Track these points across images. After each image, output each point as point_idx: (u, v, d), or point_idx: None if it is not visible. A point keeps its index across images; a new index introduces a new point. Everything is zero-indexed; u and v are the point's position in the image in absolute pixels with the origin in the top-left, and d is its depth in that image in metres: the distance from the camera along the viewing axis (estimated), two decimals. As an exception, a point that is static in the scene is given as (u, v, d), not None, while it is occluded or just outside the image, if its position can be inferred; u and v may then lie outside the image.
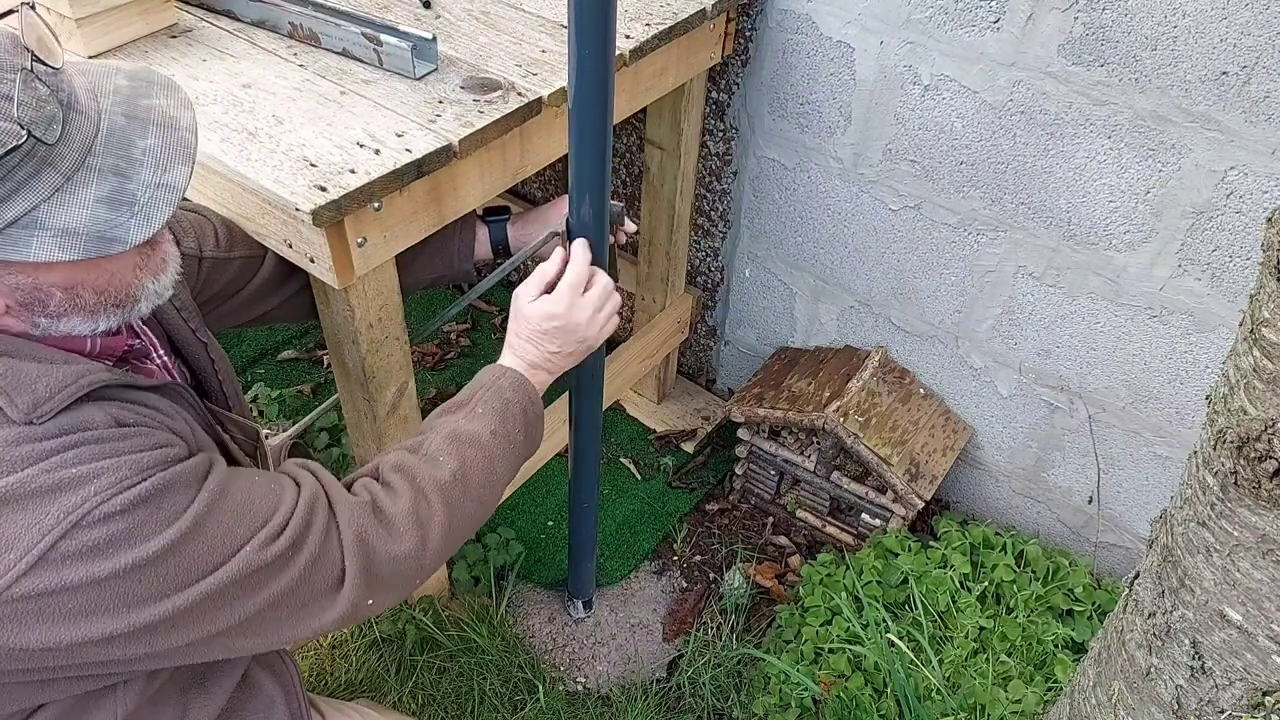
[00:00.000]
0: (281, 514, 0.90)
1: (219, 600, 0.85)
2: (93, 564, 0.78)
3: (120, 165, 0.79)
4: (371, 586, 0.95)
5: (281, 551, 0.88)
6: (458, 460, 1.05)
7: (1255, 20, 1.25)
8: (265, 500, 0.90)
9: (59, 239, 0.76)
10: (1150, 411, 1.68)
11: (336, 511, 0.95)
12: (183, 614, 0.83)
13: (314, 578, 0.91)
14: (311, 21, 1.35)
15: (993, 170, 1.60)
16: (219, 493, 0.87)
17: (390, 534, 0.97)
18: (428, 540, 1.00)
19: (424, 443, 1.07)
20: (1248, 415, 0.70)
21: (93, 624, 0.79)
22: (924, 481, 1.85)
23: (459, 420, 1.10)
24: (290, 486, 0.94)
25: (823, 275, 1.98)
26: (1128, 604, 0.94)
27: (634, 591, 2.01)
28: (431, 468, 1.04)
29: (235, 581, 0.85)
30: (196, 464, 0.88)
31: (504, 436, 1.11)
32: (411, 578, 1.01)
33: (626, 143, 2.14)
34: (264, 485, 0.92)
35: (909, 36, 1.56)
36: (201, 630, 0.85)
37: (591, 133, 1.13)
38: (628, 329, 2.41)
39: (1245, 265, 1.43)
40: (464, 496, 1.05)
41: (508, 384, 1.15)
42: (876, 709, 1.59)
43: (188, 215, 1.22)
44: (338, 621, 0.94)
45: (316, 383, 2.39)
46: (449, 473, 1.04)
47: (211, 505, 0.85)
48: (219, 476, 0.89)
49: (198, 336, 1.11)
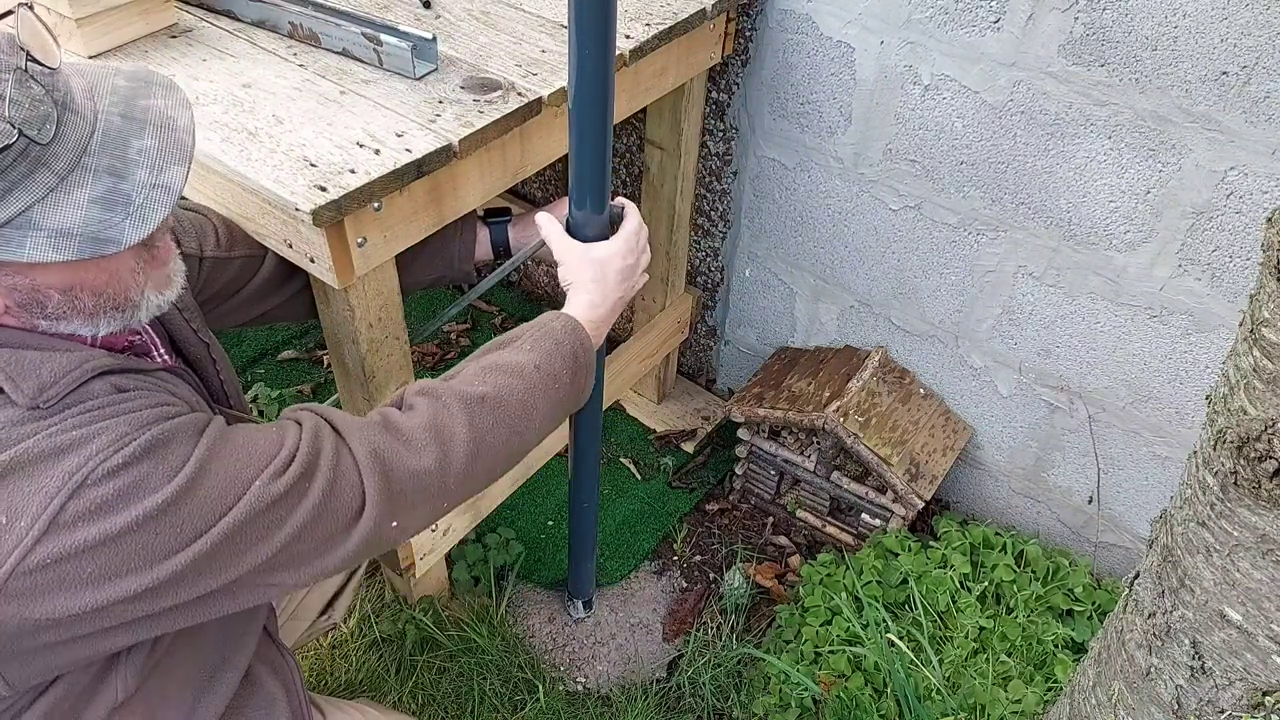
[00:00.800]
0: (288, 448, 0.90)
1: (240, 540, 0.84)
2: (104, 522, 0.78)
3: (116, 166, 0.79)
4: (395, 504, 0.94)
5: (294, 481, 0.88)
6: (491, 385, 1.02)
7: (1255, 20, 1.25)
8: (269, 439, 0.90)
9: (53, 239, 0.76)
10: (1150, 411, 1.68)
11: (345, 434, 0.94)
12: (206, 559, 0.82)
13: (334, 502, 0.90)
14: (311, 21, 1.35)
15: (993, 170, 1.60)
16: (220, 439, 0.87)
17: (407, 447, 0.95)
18: (450, 455, 0.97)
19: (458, 369, 1.05)
20: (1248, 415, 0.70)
21: (117, 585, 0.79)
22: (924, 481, 1.85)
23: (501, 353, 1.08)
24: (292, 426, 0.94)
25: (823, 275, 1.98)
26: (1128, 604, 0.94)
27: (634, 591, 2.01)
28: (461, 385, 1.01)
29: (251, 518, 0.85)
30: (196, 418, 0.88)
31: (549, 373, 1.07)
32: (436, 496, 0.98)
33: (626, 143, 2.14)
34: (267, 429, 0.93)
35: (909, 36, 1.56)
36: (230, 573, 0.85)
37: (591, 133, 1.13)
38: (628, 329, 2.41)
39: (1245, 265, 1.43)
40: (494, 420, 1.01)
41: (560, 326, 1.12)
42: (876, 709, 1.59)
43: (188, 215, 1.22)
44: (363, 545, 0.93)
45: (316, 383, 2.39)
46: (479, 393, 1.01)
47: (213, 450, 0.85)
48: (219, 426, 0.89)
49: (200, 336, 1.11)
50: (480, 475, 1.02)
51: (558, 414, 1.11)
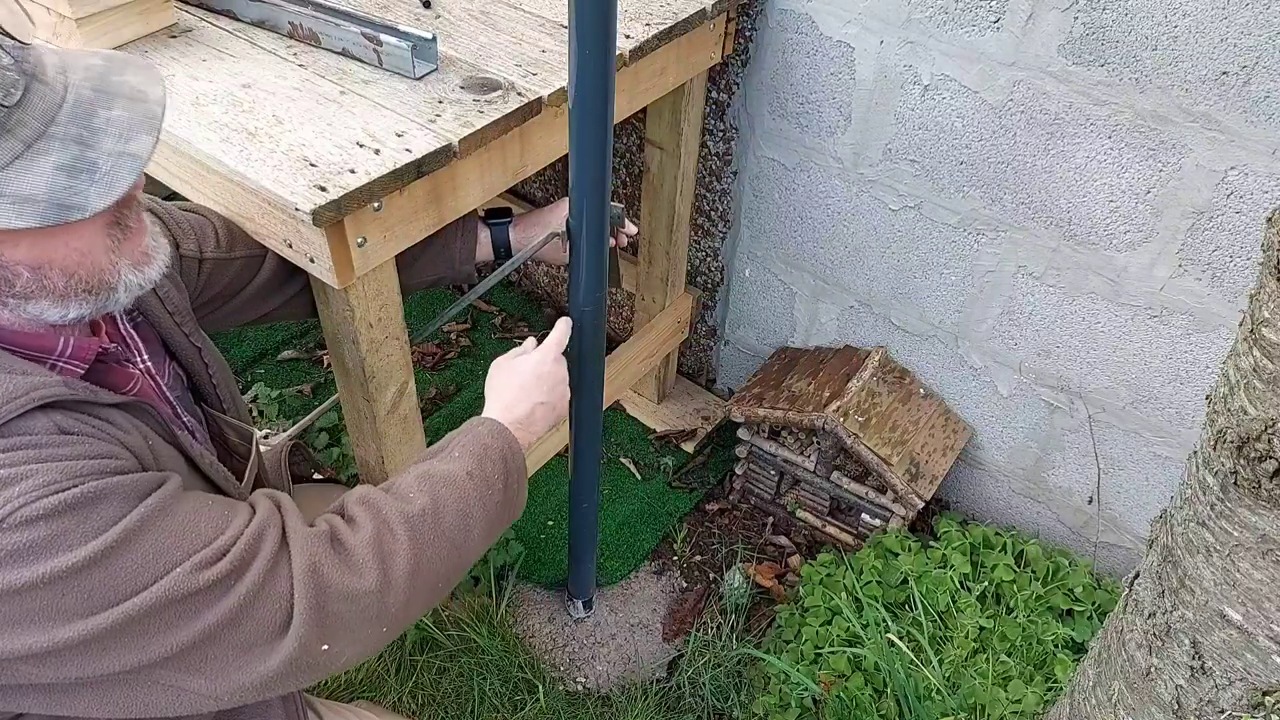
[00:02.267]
0: (226, 537, 0.84)
1: (148, 624, 0.79)
2: (11, 571, 0.74)
3: (83, 134, 0.78)
4: (325, 627, 0.87)
5: (220, 577, 0.82)
6: (429, 497, 0.98)
7: (1255, 20, 1.25)
8: (211, 523, 0.85)
9: (16, 205, 0.75)
10: (1150, 411, 1.68)
11: (290, 540, 0.89)
12: (109, 635, 0.77)
13: (257, 611, 0.84)
14: (311, 21, 1.35)
15: (993, 170, 1.60)
16: (159, 510, 0.82)
17: (348, 567, 0.89)
18: (391, 577, 0.91)
19: (394, 483, 1.01)
20: (1248, 415, 0.70)
21: (14, 637, 0.75)
22: (924, 481, 1.85)
23: (432, 462, 1.04)
24: (244, 512, 0.89)
25: (823, 275, 1.98)
26: (1128, 604, 0.94)
27: (634, 591, 2.00)
28: (400, 502, 0.97)
29: (163, 605, 0.79)
30: (140, 479, 0.83)
31: (481, 480, 1.03)
32: (374, 621, 0.91)
33: (626, 143, 2.14)
34: (216, 509, 0.87)
35: (909, 36, 1.56)
36: (135, 657, 0.80)
37: (591, 133, 1.13)
38: (628, 329, 2.41)
39: (1245, 265, 1.43)
40: (435, 535, 0.97)
41: (485, 430, 1.10)
42: (876, 709, 1.59)
43: (188, 216, 1.21)
44: (287, 666, 0.86)
45: (316, 383, 2.39)
46: (419, 507, 0.96)
47: (147, 521, 0.80)
48: (165, 494, 0.84)
49: (191, 341, 1.10)
50: (419, 597, 0.95)
51: (494, 526, 1.06)
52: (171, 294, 1.08)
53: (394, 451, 1.48)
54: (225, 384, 1.16)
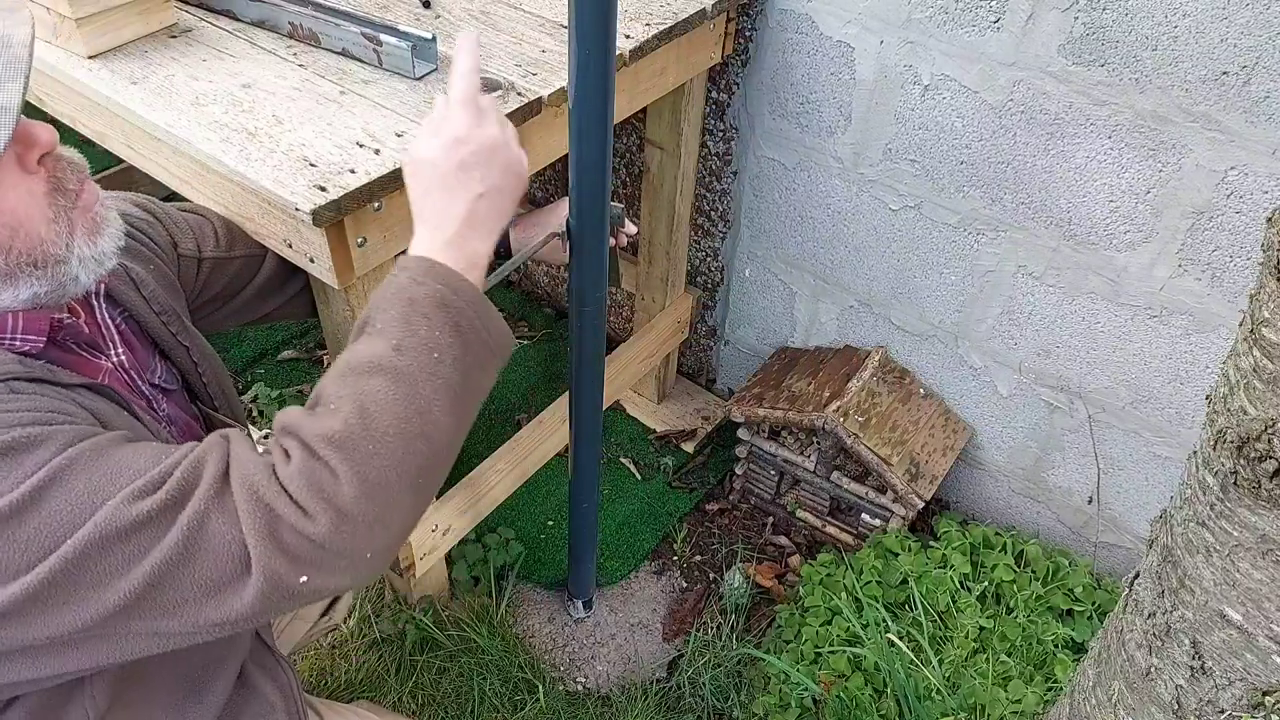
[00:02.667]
0: (163, 468, 0.76)
1: (92, 568, 0.72)
2: None
3: None
4: (293, 561, 0.76)
5: (157, 508, 0.74)
6: (352, 402, 0.80)
7: (1255, 20, 1.25)
8: (147, 457, 0.77)
9: None
10: (1150, 411, 1.68)
11: (233, 469, 0.78)
12: (56, 586, 0.72)
13: (208, 545, 0.75)
14: (311, 21, 1.35)
15: (993, 170, 1.60)
16: (94, 451, 0.75)
17: (294, 506, 0.77)
18: (341, 509, 0.77)
19: (320, 388, 0.85)
20: (1248, 415, 0.70)
21: None
22: (924, 481, 1.85)
23: (355, 346, 0.85)
24: (186, 447, 0.80)
25: (823, 275, 1.98)
26: (1128, 604, 0.94)
27: (634, 591, 2.00)
28: (323, 420, 0.80)
29: (102, 543, 0.72)
30: (80, 428, 0.77)
31: (417, 347, 0.82)
32: (346, 553, 0.78)
33: (626, 143, 2.14)
34: (156, 447, 0.80)
35: (909, 36, 1.56)
36: (93, 609, 0.73)
37: (591, 133, 1.13)
38: (628, 329, 2.41)
39: (1245, 265, 1.43)
40: (373, 443, 0.79)
41: (406, 278, 0.86)
42: (876, 709, 1.59)
43: (186, 216, 1.21)
44: (266, 600, 0.76)
45: (316, 382, 2.39)
46: (341, 420, 0.79)
47: (76, 461, 0.74)
48: (106, 438, 0.77)
49: (179, 340, 1.08)
50: (393, 509, 0.80)
51: (467, 385, 0.85)
52: (158, 293, 1.07)
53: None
54: (217, 382, 1.15)
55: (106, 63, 1.30)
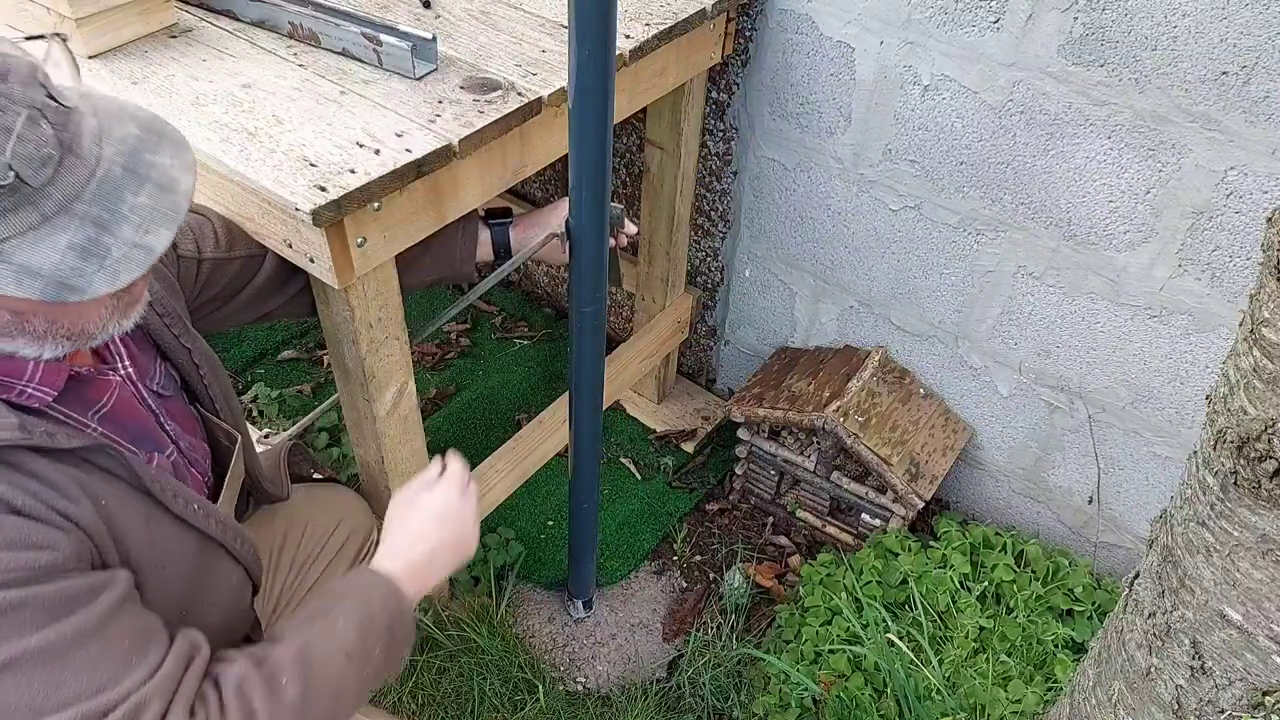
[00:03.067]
0: (103, 703, 0.80)
1: None
2: None
3: (103, 217, 0.76)
4: None
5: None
6: (300, 686, 0.93)
7: (1255, 20, 1.25)
8: (105, 671, 0.81)
9: (19, 275, 0.73)
10: (1150, 411, 1.68)
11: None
12: None
13: None
14: (311, 21, 1.35)
15: (993, 170, 1.60)
16: (44, 653, 0.78)
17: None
18: None
19: (274, 657, 0.94)
20: (1248, 415, 0.70)
21: None
22: (924, 481, 1.85)
23: (315, 634, 0.98)
24: (146, 667, 0.84)
25: (823, 275, 1.98)
26: (1128, 604, 0.94)
27: (634, 591, 2.00)
28: (272, 693, 0.91)
29: None
30: (64, 590, 0.80)
31: (361, 657, 0.99)
32: None
33: (626, 143, 2.14)
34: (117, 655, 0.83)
35: (909, 36, 1.56)
36: None
37: (591, 133, 1.13)
38: (628, 329, 2.41)
39: (1245, 265, 1.43)
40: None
41: (378, 597, 1.04)
42: (876, 709, 1.59)
43: (187, 216, 1.21)
44: None
45: (316, 383, 2.39)
46: (290, 699, 0.91)
47: (24, 659, 0.76)
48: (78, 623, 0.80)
49: (181, 343, 1.09)
50: None
51: (366, 688, 1.03)
52: (162, 296, 1.07)
53: (394, 451, 1.48)
54: (217, 384, 1.15)
55: (106, 63, 1.30)
